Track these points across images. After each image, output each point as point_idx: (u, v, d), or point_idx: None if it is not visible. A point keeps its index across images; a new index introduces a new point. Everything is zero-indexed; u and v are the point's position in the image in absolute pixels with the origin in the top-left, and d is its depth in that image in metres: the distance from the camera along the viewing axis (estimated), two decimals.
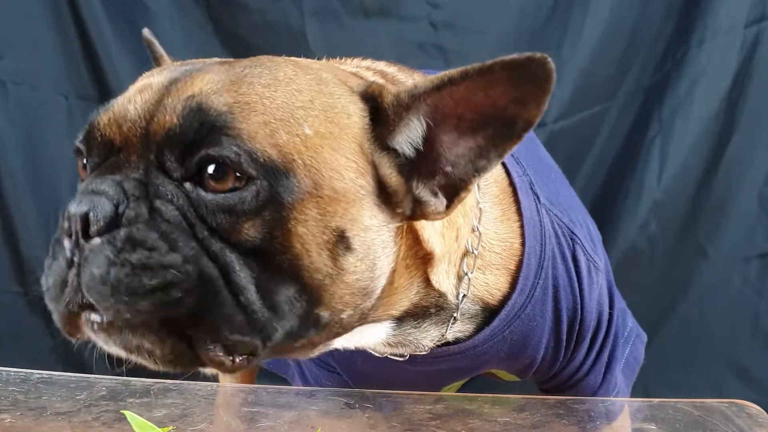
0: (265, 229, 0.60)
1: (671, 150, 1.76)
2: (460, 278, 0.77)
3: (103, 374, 0.83)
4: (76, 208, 0.58)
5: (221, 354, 0.60)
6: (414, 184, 0.67)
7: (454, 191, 0.68)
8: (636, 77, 1.80)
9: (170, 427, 0.71)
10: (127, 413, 0.70)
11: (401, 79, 0.81)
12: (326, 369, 0.93)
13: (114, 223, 0.58)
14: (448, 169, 0.67)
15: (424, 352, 0.82)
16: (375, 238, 0.66)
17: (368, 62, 0.86)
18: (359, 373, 0.90)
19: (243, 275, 0.59)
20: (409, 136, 0.67)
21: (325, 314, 0.64)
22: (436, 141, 0.67)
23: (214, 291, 0.59)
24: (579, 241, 0.88)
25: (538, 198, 0.86)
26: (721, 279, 1.82)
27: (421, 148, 0.67)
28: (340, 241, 0.63)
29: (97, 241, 0.57)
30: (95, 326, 0.59)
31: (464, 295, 0.78)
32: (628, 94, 1.81)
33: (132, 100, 0.63)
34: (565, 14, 1.77)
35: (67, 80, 1.80)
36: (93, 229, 0.58)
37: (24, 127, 1.78)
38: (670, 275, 1.83)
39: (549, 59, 0.60)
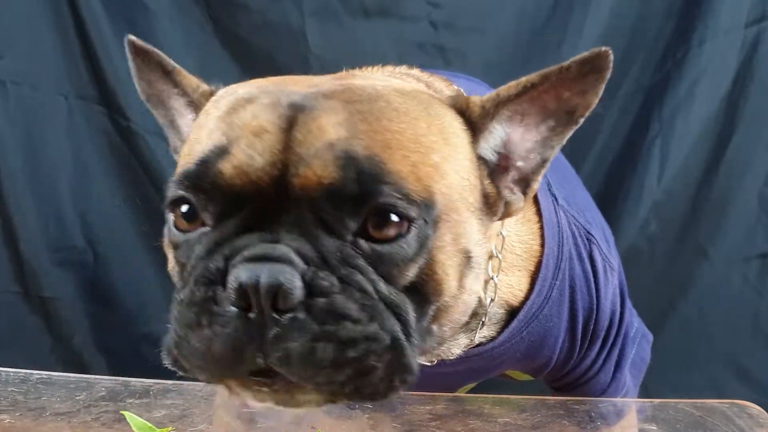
0: (420, 265, 0.60)
1: (671, 150, 1.76)
2: (486, 282, 0.77)
3: (103, 375, 0.82)
4: (256, 278, 0.54)
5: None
6: (497, 186, 0.69)
7: (526, 184, 0.70)
8: (636, 77, 1.80)
9: (170, 428, 0.71)
10: (127, 414, 0.70)
11: (427, 81, 0.82)
12: None
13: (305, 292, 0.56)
14: (520, 164, 0.69)
15: (452, 358, 0.82)
16: (483, 252, 0.67)
17: (390, 68, 0.86)
18: None
19: (412, 317, 0.60)
20: (493, 142, 0.69)
21: (435, 329, 0.65)
22: (507, 140, 0.69)
23: (400, 347, 0.59)
24: (595, 242, 0.89)
25: (555, 199, 0.87)
26: (721, 279, 1.82)
27: (502, 151, 0.69)
28: (467, 262, 0.64)
29: (295, 314, 0.55)
30: (265, 388, 0.58)
31: (492, 299, 0.78)
32: (628, 94, 1.80)
33: (252, 146, 0.59)
34: (566, 14, 1.77)
35: (67, 80, 1.80)
36: (287, 303, 0.55)
37: (24, 127, 1.78)
38: (670, 275, 1.83)
39: (610, 52, 0.64)
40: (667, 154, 1.76)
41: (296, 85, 0.65)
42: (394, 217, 0.58)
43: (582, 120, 0.67)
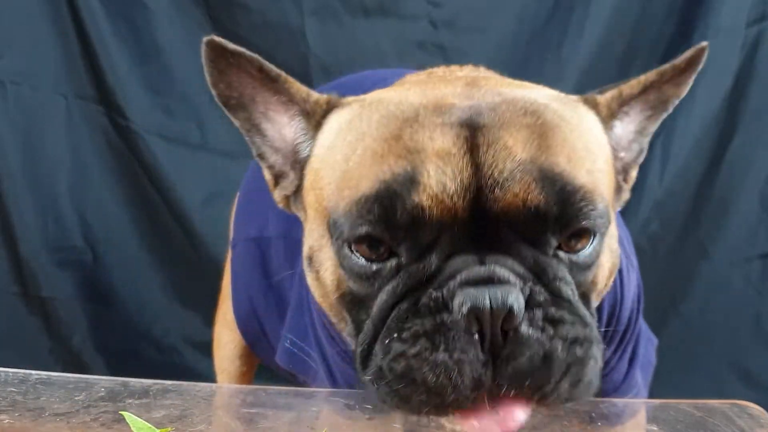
0: (596, 267, 0.63)
1: (673, 149, 1.76)
2: None
3: (102, 375, 0.82)
4: (488, 301, 0.55)
5: None
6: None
7: (626, 173, 0.73)
8: (637, 77, 1.80)
9: (169, 428, 0.71)
10: (126, 414, 0.69)
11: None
12: None
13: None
14: (623, 155, 0.72)
15: None
16: None
17: (456, 67, 0.87)
18: None
19: (593, 318, 0.63)
20: (611, 138, 0.71)
21: None
22: (617, 134, 0.72)
23: (598, 347, 0.61)
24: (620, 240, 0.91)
25: None
26: (722, 279, 1.82)
27: (612, 145, 0.71)
28: (615, 260, 0.68)
29: (522, 328, 0.56)
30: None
31: None
32: None
33: (442, 172, 0.58)
34: (566, 13, 1.77)
35: (66, 80, 1.80)
36: (512, 323, 0.55)
37: (23, 127, 1.78)
38: (672, 275, 1.83)
39: (706, 47, 0.74)
40: (668, 154, 1.76)
41: (444, 97, 0.64)
42: (588, 230, 0.60)
43: (672, 107, 0.72)
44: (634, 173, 0.74)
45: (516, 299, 0.55)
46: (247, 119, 0.74)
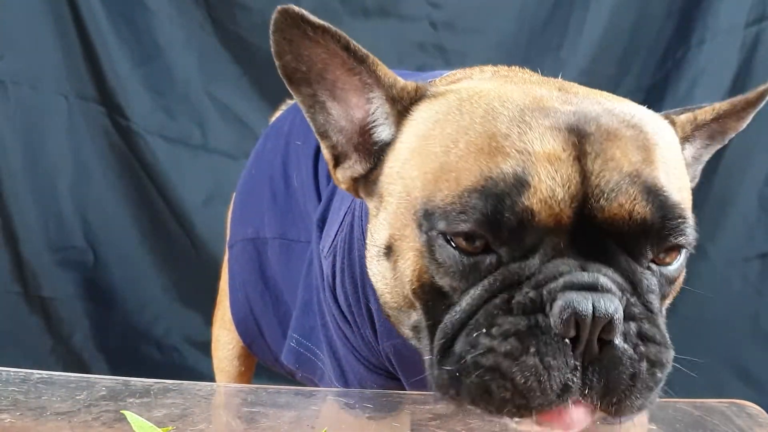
0: (676, 284, 0.65)
1: None
2: None
3: (103, 374, 0.82)
4: (591, 308, 0.55)
5: None
6: None
7: None
8: (636, 77, 1.80)
9: (170, 428, 0.71)
10: (127, 413, 0.70)
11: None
12: (376, 373, 0.92)
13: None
14: None
15: None
16: None
17: (504, 68, 0.86)
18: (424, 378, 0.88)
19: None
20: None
21: None
22: None
23: (665, 369, 0.63)
24: None
25: None
26: (721, 278, 1.82)
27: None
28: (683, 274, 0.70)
29: (618, 341, 0.57)
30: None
31: None
32: (628, 94, 1.78)
33: (552, 178, 0.58)
34: (566, 14, 1.77)
35: (67, 80, 1.80)
36: (611, 333, 0.56)
37: (24, 127, 1.78)
38: None
39: None
40: None
41: (543, 98, 0.63)
42: (681, 245, 0.61)
43: (728, 140, 0.76)
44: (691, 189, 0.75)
45: (617, 310, 0.55)
46: (311, 95, 0.71)
